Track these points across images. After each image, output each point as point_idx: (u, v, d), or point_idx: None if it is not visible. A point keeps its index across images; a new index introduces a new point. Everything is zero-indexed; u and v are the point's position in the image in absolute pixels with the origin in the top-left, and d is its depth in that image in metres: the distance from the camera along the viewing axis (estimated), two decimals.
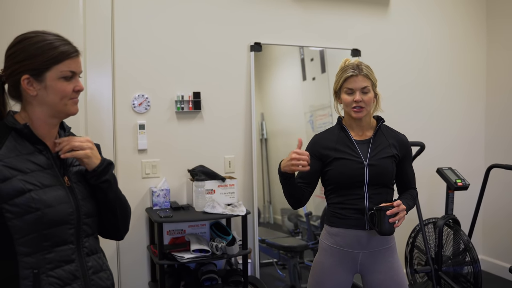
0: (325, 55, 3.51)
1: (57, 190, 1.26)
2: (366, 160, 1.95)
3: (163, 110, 3.07)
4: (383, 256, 1.98)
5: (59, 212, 1.25)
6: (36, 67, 1.24)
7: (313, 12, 3.45)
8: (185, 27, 3.11)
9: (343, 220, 1.97)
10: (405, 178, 2.08)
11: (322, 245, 2.05)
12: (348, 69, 1.97)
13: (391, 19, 3.70)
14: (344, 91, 1.97)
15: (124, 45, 2.97)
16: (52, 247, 1.24)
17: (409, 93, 3.78)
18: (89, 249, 1.34)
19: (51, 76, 1.25)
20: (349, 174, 1.94)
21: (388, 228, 1.86)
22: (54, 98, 1.27)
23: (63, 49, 1.27)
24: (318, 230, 3.45)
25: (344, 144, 1.99)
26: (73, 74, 1.29)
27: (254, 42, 3.26)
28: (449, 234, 3.27)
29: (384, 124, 2.07)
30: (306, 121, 3.51)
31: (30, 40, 1.26)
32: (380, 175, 1.95)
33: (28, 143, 1.27)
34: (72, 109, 1.31)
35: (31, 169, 1.24)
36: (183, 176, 3.11)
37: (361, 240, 1.95)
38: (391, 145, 2.01)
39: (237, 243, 2.86)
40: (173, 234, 2.94)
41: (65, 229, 1.26)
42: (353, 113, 1.97)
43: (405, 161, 2.05)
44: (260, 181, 3.33)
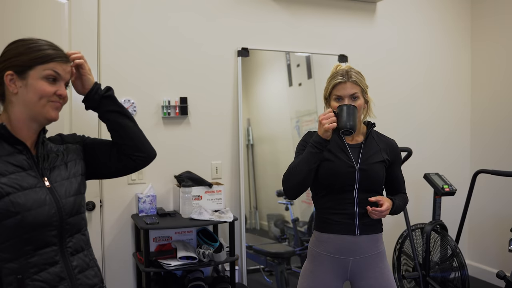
0: (312, 60, 3.56)
1: (37, 192, 1.27)
2: (357, 164, 1.97)
3: (149, 115, 3.08)
4: (373, 262, 1.99)
5: (39, 214, 1.25)
6: (20, 64, 1.27)
7: (300, 18, 3.50)
8: (172, 32, 3.14)
9: (333, 226, 1.98)
10: (395, 183, 2.11)
11: (311, 251, 2.05)
12: (337, 76, 1.98)
13: (378, 25, 3.77)
14: (333, 98, 1.98)
15: (110, 50, 2.98)
16: (35, 250, 1.24)
17: (396, 99, 3.85)
18: (73, 248, 1.34)
19: (33, 75, 1.28)
20: (339, 177, 1.95)
21: (348, 121, 1.85)
22: (33, 97, 1.28)
23: (50, 51, 1.30)
24: (305, 236, 3.47)
25: (337, 146, 2.01)
26: (58, 77, 1.31)
27: (242, 48, 3.30)
28: (437, 239, 3.32)
29: (374, 130, 2.10)
30: (293, 127, 3.55)
31: (23, 42, 1.31)
32: (371, 179, 1.97)
33: (6, 144, 1.28)
34: (51, 113, 1.32)
35: (9, 171, 1.24)
36: (169, 182, 3.13)
37: (351, 246, 1.96)
38: (382, 150, 2.04)
39: (224, 249, 2.87)
40: (159, 241, 2.95)
41: (46, 231, 1.27)
42: None
43: (394, 166, 2.08)
44: (247, 187, 3.35)
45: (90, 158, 1.50)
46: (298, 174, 1.92)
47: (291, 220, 3.48)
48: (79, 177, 1.43)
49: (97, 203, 2.86)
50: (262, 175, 3.45)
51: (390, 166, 2.06)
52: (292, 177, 1.94)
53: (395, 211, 2.01)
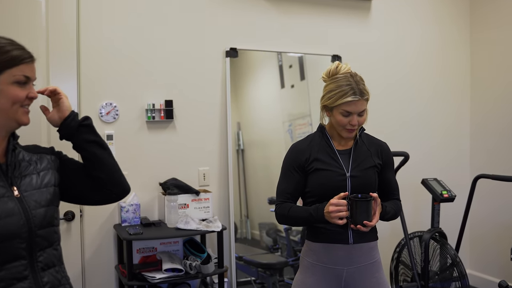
0: (305, 61, 3.52)
1: (5, 202, 1.24)
2: (348, 172, 1.94)
3: (132, 119, 3.02)
4: (369, 272, 1.96)
5: (7, 225, 1.21)
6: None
7: (291, 17, 3.46)
8: (156, 32, 3.08)
9: (326, 235, 1.95)
10: (388, 187, 2.06)
11: (304, 262, 2.02)
12: (349, 92, 1.89)
13: (372, 24, 3.74)
14: (340, 112, 1.92)
15: (90, 51, 2.91)
16: (2, 264, 1.21)
17: (392, 101, 3.81)
18: (44, 263, 1.30)
19: (3, 80, 1.24)
20: (330, 186, 1.92)
21: (364, 218, 1.82)
22: (5, 103, 1.26)
23: (16, 53, 1.27)
24: (298, 246, 3.43)
25: (326, 153, 1.98)
26: (27, 80, 1.29)
27: (230, 48, 3.25)
28: (436, 248, 3.28)
29: (364, 133, 2.07)
30: (285, 131, 3.51)
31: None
32: (363, 186, 1.94)
33: None
34: (23, 118, 1.30)
35: None
36: (154, 190, 3.07)
37: (345, 255, 1.94)
38: (373, 154, 2.01)
39: (213, 261, 2.83)
40: (143, 253, 2.89)
41: (15, 243, 1.23)
42: (345, 133, 1.96)
43: (386, 169, 2.04)
44: (237, 195, 3.31)
45: (65, 179, 1.45)
46: (293, 224, 2.05)
47: (284, 229, 3.43)
48: (52, 188, 1.38)
49: (76, 212, 2.79)
50: (253, 181, 3.40)
51: (382, 170, 2.03)
52: (287, 222, 2.02)
53: (384, 216, 1.96)
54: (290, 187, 1.99)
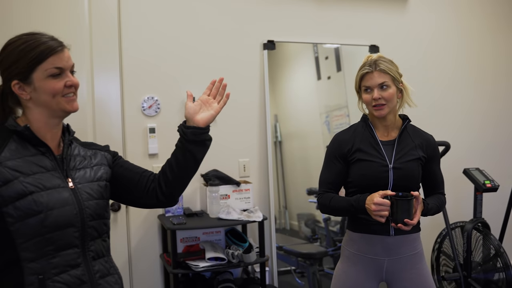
0: (341, 52, 3.51)
1: (60, 192, 1.29)
2: (391, 163, 1.93)
3: (174, 113, 3.08)
4: (411, 263, 1.96)
5: (62, 214, 1.27)
6: (21, 71, 1.28)
7: (327, 7, 3.46)
8: (195, 26, 3.14)
9: (367, 226, 1.95)
10: (432, 181, 2.05)
11: (345, 252, 2.04)
12: (364, 67, 1.96)
13: (412, 12, 3.69)
14: (363, 90, 1.97)
15: (132, 46, 3.00)
16: (57, 251, 1.27)
17: (432, 90, 3.76)
18: (95, 252, 1.36)
19: (37, 77, 1.28)
20: (372, 177, 1.92)
21: (405, 217, 1.81)
22: (46, 98, 1.30)
23: (43, 47, 1.28)
24: (337, 236, 3.44)
25: (369, 144, 1.98)
26: (61, 70, 1.31)
27: (267, 40, 3.28)
28: (478, 238, 3.24)
29: (410, 124, 2.05)
30: (322, 122, 3.52)
31: (13, 45, 1.30)
32: (405, 179, 1.93)
33: (30, 145, 1.30)
34: (67, 106, 1.33)
35: (33, 171, 1.27)
36: (196, 181, 3.12)
37: (386, 246, 1.94)
38: (417, 146, 1.99)
39: (254, 250, 2.86)
40: (187, 242, 2.96)
41: (69, 232, 1.29)
42: (374, 111, 1.96)
43: (432, 163, 2.03)
44: (275, 186, 3.34)
45: (117, 178, 1.50)
46: (335, 213, 2.07)
47: (323, 219, 3.45)
48: (103, 182, 1.44)
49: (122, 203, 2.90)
50: (291, 173, 3.43)
51: (427, 164, 2.01)
52: (328, 212, 2.05)
53: (426, 214, 1.95)
54: (332, 176, 2.01)
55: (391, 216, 1.83)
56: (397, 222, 1.81)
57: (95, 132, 2.91)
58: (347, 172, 2.00)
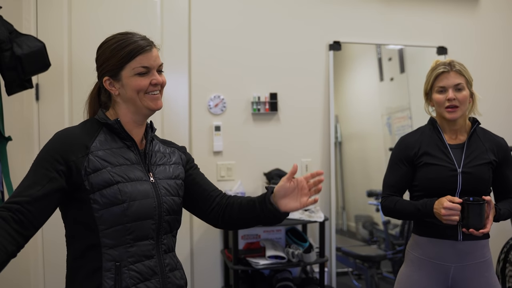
0: (405, 53, 3.50)
1: (142, 185, 1.37)
2: (460, 167, 1.90)
3: (239, 112, 3.18)
4: (479, 271, 1.91)
5: (143, 206, 1.35)
6: (111, 68, 1.39)
7: (394, 8, 3.44)
8: (262, 26, 3.21)
9: (433, 229, 1.93)
10: (505, 186, 2.00)
11: (409, 256, 2.01)
12: (439, 67, 1.96)
13: (481, 14, 3.61)
14: (436, 90, 1.95)
15: (200, 45, 3.11)
16: (135, 240, 1.34)
17: (504, 93, 3.66)
18: (166, 246, 1.43)
19: (125, 74, 1.39)
20: (440, 181, 1.90)
21: (477, 222, 1.78)
22: (132, 94, 1.39)
23: (132, 47, 1.38)
24: (396, 240, 3.43)
25: (437, 147, 1.95)
26: (147, 69, 1.39)
27: (334, 41, 3.30)
28: None
29: (480, 127, 2.02)
30: (383, 124, 3.51)
31: (107, 44, 1.41)
32: (475, 183, 1.89)
33: (117, 138, 1.40)
34: (150, 104, 1.41)
35: (120, 163, 1.36)
36: (258, 179, 3.20)
37: (453, 252, 1.90)
38: (488, 150, 1.95)
39: (314, 250, 2.90)
40: (248, 239, 3.03)
41: (148, 223, 1.36)
42: (446, 113, 1.93)
43: (504, 167, 1.97)
44: (334, 186, 3.36)
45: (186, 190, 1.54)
46: (399, 217, 2.09)
47: (382, 222, 3.44)
48: (180, 180, 1.50)
49: None
50: (350, 174, 3.45)
51: (499, 168, 1.96)
52: (393, 215, 2.04)
53: (498, 219, 1.90)
54: (397, 179, 1.99)
55: (462, 221, 1.79)
56: (468, 227, 1.78)
57: (163, 128, 3.03)
58: (412, 175, 1.99)
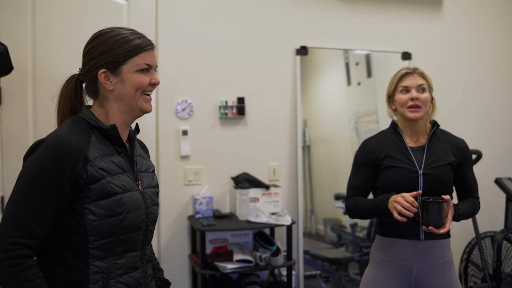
0: (371, 59, 3.56)
1: (136, 195, 1.33)
2: (421, 169, 1.94)
3: (206, 116, 3.19)
4: (440, 271, 1.95)
5: (136, 217, 1.31)
6: (112, 60, 1.31)
7: (360, 14, 3.51)
8: (229, 31, 3.23)
9: (396, 230, 1.96)
10: (465, 186, 2.06)
11: (374, 257, 2.04)
12: (402, 70, 2.04)
13: (445, 20, 3.71)
14: (399, 90, 2.00)
15: (167, 49, 3.10)
16: (124, 252, 1.30)
17: (465, 98, 3.77)
18: (148, 256, 1.41)
19: (127, 69, 1.32)
20: (401, 183, 1.93)
21: (436, 220, 1.83)
22: (130, 90, 1.33)
23: (138, 42, 1.33)
24: (363, 242, 3.47)
25: (398, 150, 1.99)
26: (149, 67, 1.35)
27: (300, 46, 3.34)
28: (509, 249, 3.23)
29: (440, 129, 2.07)
30: (351, 128, 3.56)
31: (106, 35, 1.33)
32: (436, 184, 1.94)
33: (109, 143, 1.33)
34: (145, 106, 1.36)
35: (115, 172, 1.29)
36: (226, 183, 3.23)
37: (416, 251, 1.94)
38: (448, 151, 2.00)
39: (282, 253, 2.92)
40: (215, 243, 3.05)
41: (137, 235, 1.33)
42: (409, 113, 1.97)
43: (464, 167, 2.03)
44: (303, 190, 3.39)
45: None
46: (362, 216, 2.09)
47: (350, 225, 3.49)
48: (158, 189, 1.48)
49: None
50: (318, 177, 3.49)
51: (459, 168, 2.02)
52: (355, 214, 2.08)
53: (458, 219, 1.95)
54: (359, 182, 2.03)
55: (422, 219, 1.85)
56: (428, 225, 1.83)
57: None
58: (374, 178, 2.03)
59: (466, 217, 1.99)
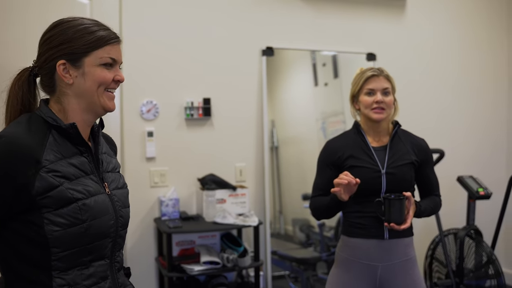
0: (338, 60, 3.61)
1: (102, 199, 1.22)
2: (384, 168, 1.98)
3: (172, 117, 3.18)
4: (404, 269, 1.99)
5: (103, 223, 1.21)
6: (73, 51, 1.20)
7: (326, 15, 3.54)
8: (195, 32, 3.22)
9: (361, 230, 1.99)
10: (427, 185, 2.10)
11: (339, 257, 2.07)
12: (368, 71, 2.06)
13: (408, 22, 3.78)
14: (364, 92, 2.02)
15: (132, 50, 3.07)
16: (91, 262, 1.21)
17: (428, 98, 3.85)
18: (120, 264, 1.31)
19: (89, 62, 1.21)
20: (365, 183, 1.94)
21: (397, 217, 1.87)
22: (92, 85, 1.22)
23: (103, 33, 1.23)
24: (331, 242, 3.51)
25: (361, 150, 2.02)
26: (113, 62, 1.25)
27: (266, 47, 3.36)
28: (471, 245, 3.30)
29: (401, 129, 2.11)
30: (318, 128, 3.60)
31: (68, 24, 1.22)
32: (398, 183, 1.97)
33: (69, 143, 1.21)
34: (108, 103, 1.26)
35: (76, 176, 1.18)
36: (192, 185, 3.22)
37: (381, 251, 1.98)
38: (409, 150, 2.04)
39: (249, 254, 2.94)
40: (182, 246, 3.04)
41: (105, 242, 1.23)
42: (373, 114, 2.00)
43: (425, 166, 2.07)
44: (271, 191, 3.41)
45: None
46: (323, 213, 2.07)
47: (317, 225, 3.52)
48: (127, 189, 1.39)
49: None
50: (286, 178, 3.51)
51: (420, 168, 2.06)
52: (317, 213, 2.08)
53: (420, 215, 2.00)
54: (324, 182, 2.05)
55: (384, 216, 1.89)
56: (389, 222, 1.87)
57: None
58: None
59: (427, 214, 2.04)
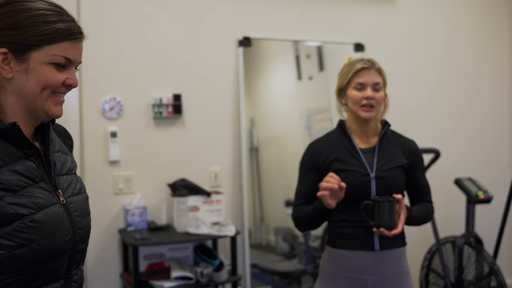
0: (324, 51, 3.54)
1: (55, 211, 1.10)
2: (373, 172, 1.93)
3: (138, 116, 3.09)
4: (397, 282, 1.94)
5: (57, 241, 1.09)
6: (19, 41, 1.06)
7: (310, 3, 3.47)
8: (163, 21, 3.14)
9: (348, 241, 1.93)
10: (417, 190, 2.06)
11: (324, 270, 2.01)
12: (358, 62, 1.97)
13: (399, 10, 3.72)
14: (353, 86, 1.95)
15: (92, 40, 2.81)
16: (41, 285, 1.09)
17: (421, 94, 3.78)
18: (78, 283, 1.19)
19: (37, 58, 1.07)
20: (353, 188, 1.89)
21: (387, 221, 1.84)
22: (35, 86, 1.08)
23: (62, 26, 1.08)
24: (317, 252, 3.45)
25: (347, 152, 1.97)
26: (67, 63, 1.11)
27: (243, 37, 3.28)
28: (471, 255, 3.27)
29: (390, 129, 2.06)
30: (302, 127, 3.53)
31: (20, 5, 1.07)
32: (388, 188, 1.92)
33: (12, 146, 1.08)
34: (53, 108, 1.11)
35: (20, 186, 1.06)
36: (162, 191, 3.14)
37: (371, 263, 1.91)
38: (399, 152, 2.00)
39: (226, 268, 2.91)
40: (150, 259, 2.97)
41: (60, 262, 1.11)
42: (362, 112, 1.94)
43: (415, 170, 2.03)
44: (251, 197, 3.35)
45: None
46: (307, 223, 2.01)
47: (302, 234, 3.45)
48: (86, 194, 1.27)
49: None
50: (268, 182, 3.44)
51: (410, 171, 2.01)
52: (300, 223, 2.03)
53: (411, 221, 1.95)
54: (307, 189, 1.99)
55: (373, 221, 1.85)
56: (379, 227, 1.83)
57: None
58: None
59: (418, 220, 2.00)
